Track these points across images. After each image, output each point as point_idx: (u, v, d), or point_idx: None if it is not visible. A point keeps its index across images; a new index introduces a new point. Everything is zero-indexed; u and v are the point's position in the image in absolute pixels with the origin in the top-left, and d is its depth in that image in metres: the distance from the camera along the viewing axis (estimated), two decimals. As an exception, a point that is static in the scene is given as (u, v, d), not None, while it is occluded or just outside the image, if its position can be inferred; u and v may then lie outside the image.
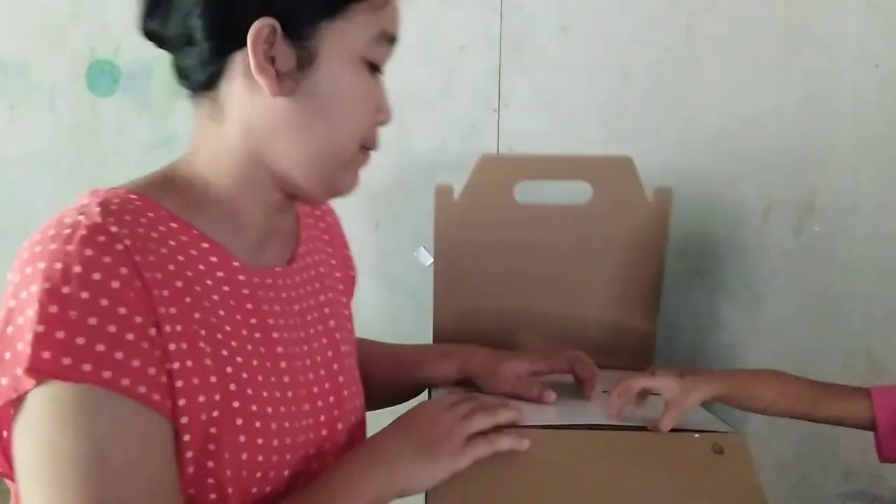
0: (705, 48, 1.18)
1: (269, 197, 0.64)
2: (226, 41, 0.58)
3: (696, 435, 0.75)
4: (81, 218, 0.54)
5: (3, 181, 1.24)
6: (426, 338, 1.04)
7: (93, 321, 0.50)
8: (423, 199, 1.21)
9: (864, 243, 1.19)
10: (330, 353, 0.70)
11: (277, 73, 0.58)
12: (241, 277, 0.62)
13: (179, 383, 0.54)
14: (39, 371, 0.49)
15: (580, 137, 1.19)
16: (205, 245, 0.59)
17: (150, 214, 0.57)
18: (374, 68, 0.64)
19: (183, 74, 0.62)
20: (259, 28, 0.56)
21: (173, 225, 0.58)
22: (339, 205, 0.85)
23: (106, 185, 0.67)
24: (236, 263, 0.61)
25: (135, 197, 0.58)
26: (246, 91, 0.59)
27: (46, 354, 0.49)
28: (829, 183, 1.19)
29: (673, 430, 0.77)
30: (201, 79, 0.60)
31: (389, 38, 0.63)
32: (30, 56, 1.24)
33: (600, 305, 1.07)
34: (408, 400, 0.92)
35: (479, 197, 1.05)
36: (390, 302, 1.29)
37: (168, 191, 0.60)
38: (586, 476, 0.70)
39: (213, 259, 0.60)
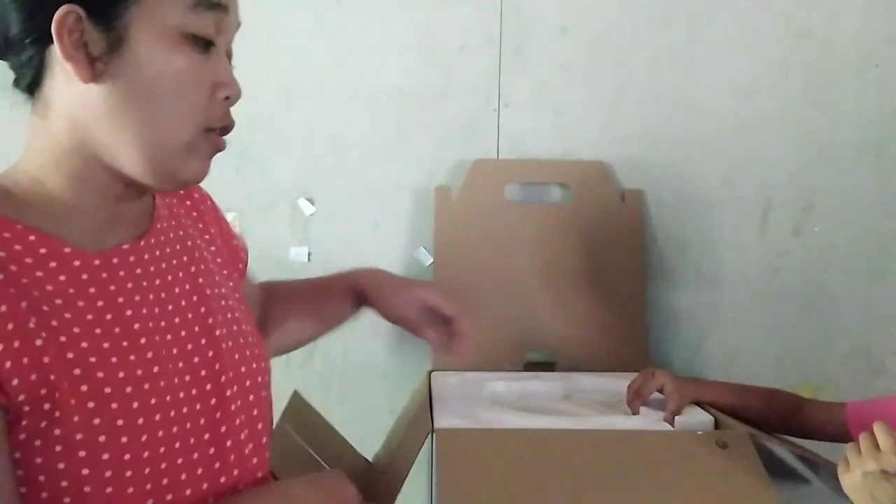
0: (705, 48, 1.19)
1: (108, 188, 0.62)
2: (40, 36, 0.58)
3: (699, 432, 0.76)
4: None
5: (2, 181, 1.24)
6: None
7: None
8: (422, 199, 1.21)
9: (863, 243, 1.20)
10: (210, 321, 0.69)
11: (90, 59, 0.57)
12: (77, 263, 0.61)
13: (8, 364, 0.54)
14: None
15: (580, 137, 1.19)
16: (31, 238, 0.59)
17: None
18: (203, 41, 0.59)
19: (15, 81, 0.61)
20: (62, 16, 0.56)
21: None
22: (338, 204, 0.85)
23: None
24: (67, 250, 0.61)
25: None
26: (65, 83, 0.59)
27: None
28: (829, 183, 1.19)
29: (676, 430, 0.78)
30: (28, 80, 0.60)
31: (210, 4, 0.58)
32: (29, 56, 1.23)
33: (587, 298, 1.14)
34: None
35: (474, 196, 1.17)
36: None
37: None
38: (594, 475, 0.70)
39: (43, 251, 0.59)
